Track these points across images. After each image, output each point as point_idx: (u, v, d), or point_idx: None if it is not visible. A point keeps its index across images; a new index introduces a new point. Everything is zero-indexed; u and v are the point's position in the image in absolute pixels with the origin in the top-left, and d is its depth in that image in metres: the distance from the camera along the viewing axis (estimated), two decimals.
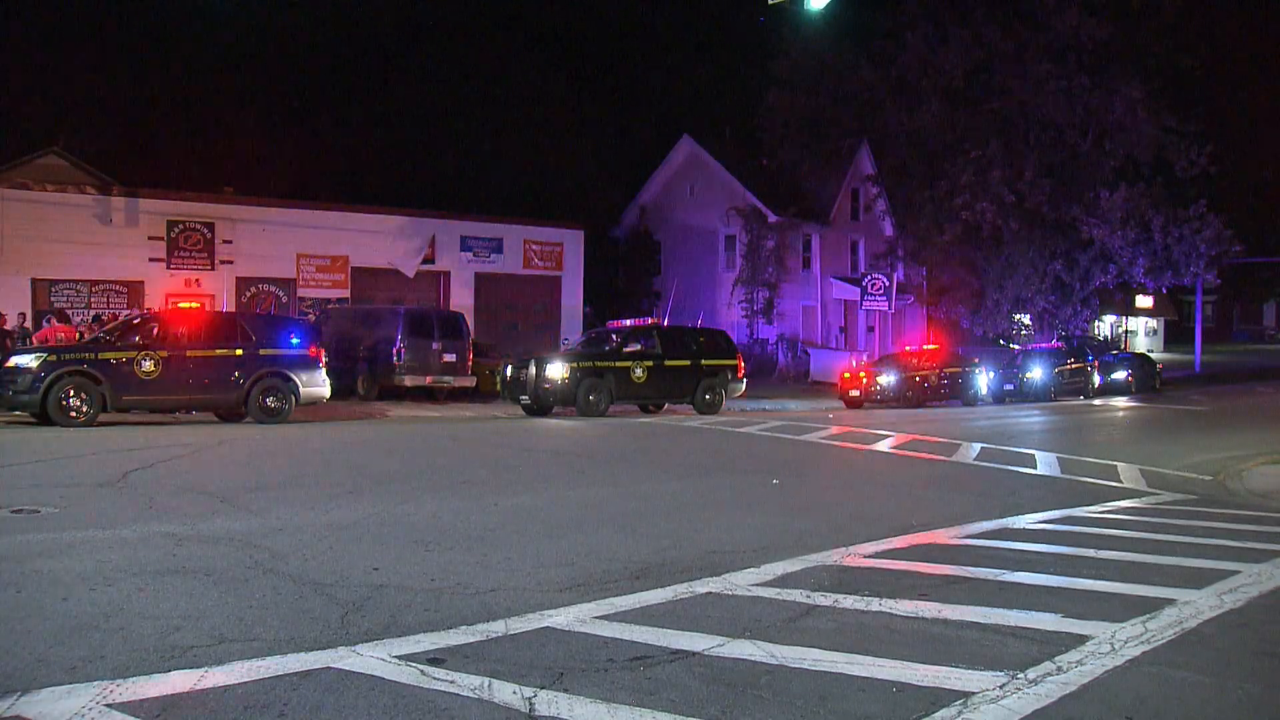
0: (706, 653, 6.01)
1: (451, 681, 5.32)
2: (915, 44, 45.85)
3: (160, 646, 5.76)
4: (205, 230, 33.67)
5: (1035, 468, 16.82)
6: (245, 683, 5.22)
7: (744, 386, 28.47)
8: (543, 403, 24.88)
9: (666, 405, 27.67)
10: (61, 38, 53.37)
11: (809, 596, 7.42)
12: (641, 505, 11.68)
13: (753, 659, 5.92)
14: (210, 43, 51.26)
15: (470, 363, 28.69)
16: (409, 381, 27.55)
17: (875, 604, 7.24)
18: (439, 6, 61.05)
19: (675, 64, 63.06)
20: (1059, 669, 5.90)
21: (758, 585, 7.80)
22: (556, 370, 24.57)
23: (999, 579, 8.26)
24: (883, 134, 48.87)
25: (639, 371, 25.73)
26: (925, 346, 36.94)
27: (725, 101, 56.98)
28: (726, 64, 59.68)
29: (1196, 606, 7.48)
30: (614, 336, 27.10)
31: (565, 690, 5.27)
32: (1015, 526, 11.06)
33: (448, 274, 39.00)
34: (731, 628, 6.53)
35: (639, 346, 26.19)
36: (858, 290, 45.69)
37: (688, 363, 26.82)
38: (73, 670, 5.33)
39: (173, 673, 5.33)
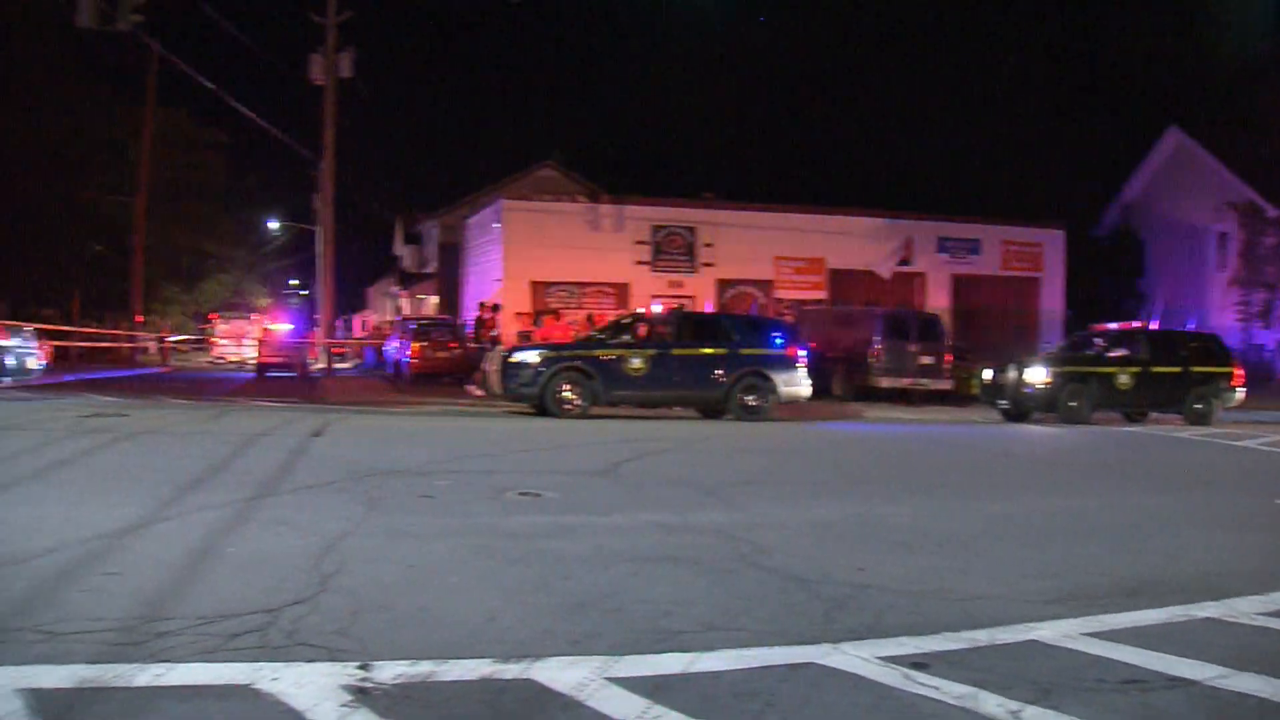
0: (1206, 683, 5.48)
1: (936, 688, 5.18)
2: None
3: (652, 629, 5.98)
4: (687, 234, 35.23)
5: None
6: (733, 670, 5.30)
7: (1240, 396, 26.17)
8: (1022, 407, 24.18)
9: (1152, 414, 26.02)
10: (552, 58, 57.53)
11: None
12: (1127, 518, 10.96)
13: (1260, 695, 5.34)
14: (687, 55, 53.45)
15: (947, 365, 28.28)
16: (885, 383, 27.57)
17: None
18: (915, 6, 60.51)
19: (1158, 50, 58.96)
20: None
21: (1264, 615, 7.03)
22: (1037, 374, 23.81)
23: None
24: None
25: (1123, 378, 24.35)
26: None
27: (1214, 88, 52.52)
28: (1215, 45, 55.02)
29: None
30: (1097, 341, 26.10)
31: (1054, 708, 4.96)
32: None
33: (923, 275, 38.62)
34: (1235, 658, 5.91)
35: (1124, 351, 24.94)
36: None
37: (1176, 370, 25.06)
38: (575, 644, 5.64)
39: (664, 654, 5.50)
